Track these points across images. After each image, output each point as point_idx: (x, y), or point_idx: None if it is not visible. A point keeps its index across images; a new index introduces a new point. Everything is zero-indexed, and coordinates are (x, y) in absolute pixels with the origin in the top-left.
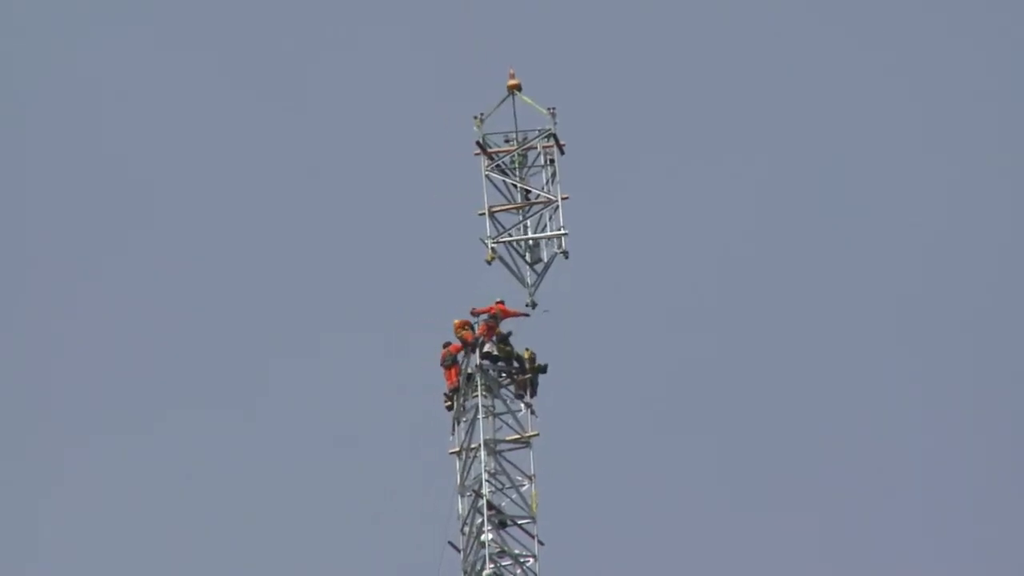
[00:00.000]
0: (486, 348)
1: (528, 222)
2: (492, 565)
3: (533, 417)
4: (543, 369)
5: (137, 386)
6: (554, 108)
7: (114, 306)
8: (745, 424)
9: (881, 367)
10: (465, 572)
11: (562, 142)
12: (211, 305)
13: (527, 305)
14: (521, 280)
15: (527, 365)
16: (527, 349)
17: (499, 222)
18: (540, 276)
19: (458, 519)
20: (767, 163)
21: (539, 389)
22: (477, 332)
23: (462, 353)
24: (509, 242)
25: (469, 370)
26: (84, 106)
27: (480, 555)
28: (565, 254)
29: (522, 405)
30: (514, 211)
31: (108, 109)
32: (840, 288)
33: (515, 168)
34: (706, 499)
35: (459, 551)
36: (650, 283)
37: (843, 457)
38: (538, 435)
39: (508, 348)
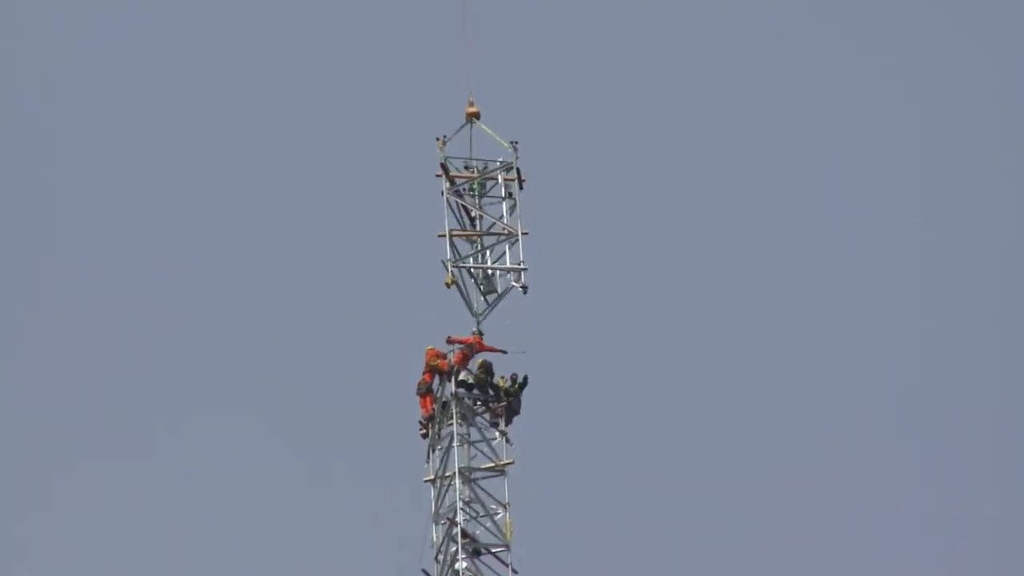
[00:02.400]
0: (461, 376)
1: (488, 252)
2: None
3: (508, 445)
4: (524, 383)
5: (135, 389)
6: (516, 142)
7: (113, 305)
8: (737, 431)
9: (881, 367)
10: None
11: (523, 178)
12: (210, 305)
13: (473, 333)
14: (470, 307)
15: (503, 393)
16: (502, 377)
17: (457, 247)
18: (491, 307)
19: (432, 547)
20: (767, 163)
21: (517, 418)
22: (452, 360)
23: (436, 381)
24: (468, 268)
25: (444, 398)
26: (84, 106)
27: None
28: (524, 289)
29: (497, 433)
30: (471, 239)
31: (108, 109)
32: (840, 288)
33: (474, 196)
34: (685, 531)
35: None
36: (630, 300)
37: (843, 457)
38: (513, 463)
39: (484, 376)
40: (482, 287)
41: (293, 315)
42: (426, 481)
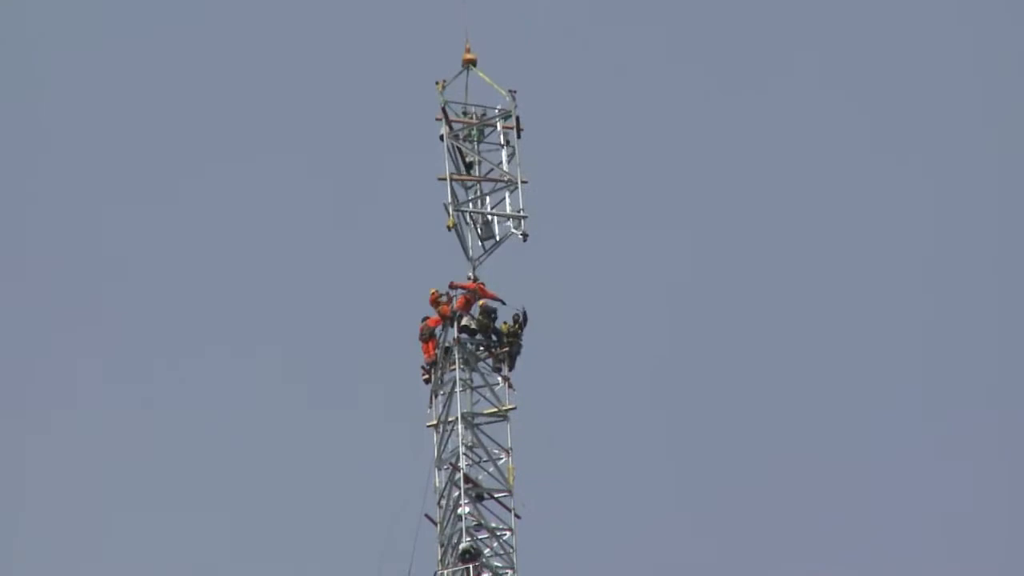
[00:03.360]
0: (464, 321)
1: (489, 198)
2: (469, 538)
3: (510, 390)
4: (524, 321)
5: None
6: (515, 90)
7: (116, 305)
8: (731, 408)
9: (881, 367)
10: (441, 544)
11: (522, 126)
12: (210, 305)
13: (469, 279)
14: (467, 252)
15: (505, 336)
16: (505, 322)
17: (456, 191)
18: (488, 252)
19: (435, 492)
20: (767, 163)
21: (519, 357)
22: (455, 305)
23: (439, 326)
24: (468, 213)
25: (447, 343)
26: (84, 106)
27: (457, 528)
28: (524, 236)
29: (499, 378)
30: (471, 184)
31: (108, 109)
32: (840, 288)
33: (472, 142)
34: (687, 476)
35: (436, 524)
36: (632, 263)
37: (844, 457)
38: (515, 408)
39: (486, 321)
40: (481, 232)
41: (298, 317)
42: (429, 426)
